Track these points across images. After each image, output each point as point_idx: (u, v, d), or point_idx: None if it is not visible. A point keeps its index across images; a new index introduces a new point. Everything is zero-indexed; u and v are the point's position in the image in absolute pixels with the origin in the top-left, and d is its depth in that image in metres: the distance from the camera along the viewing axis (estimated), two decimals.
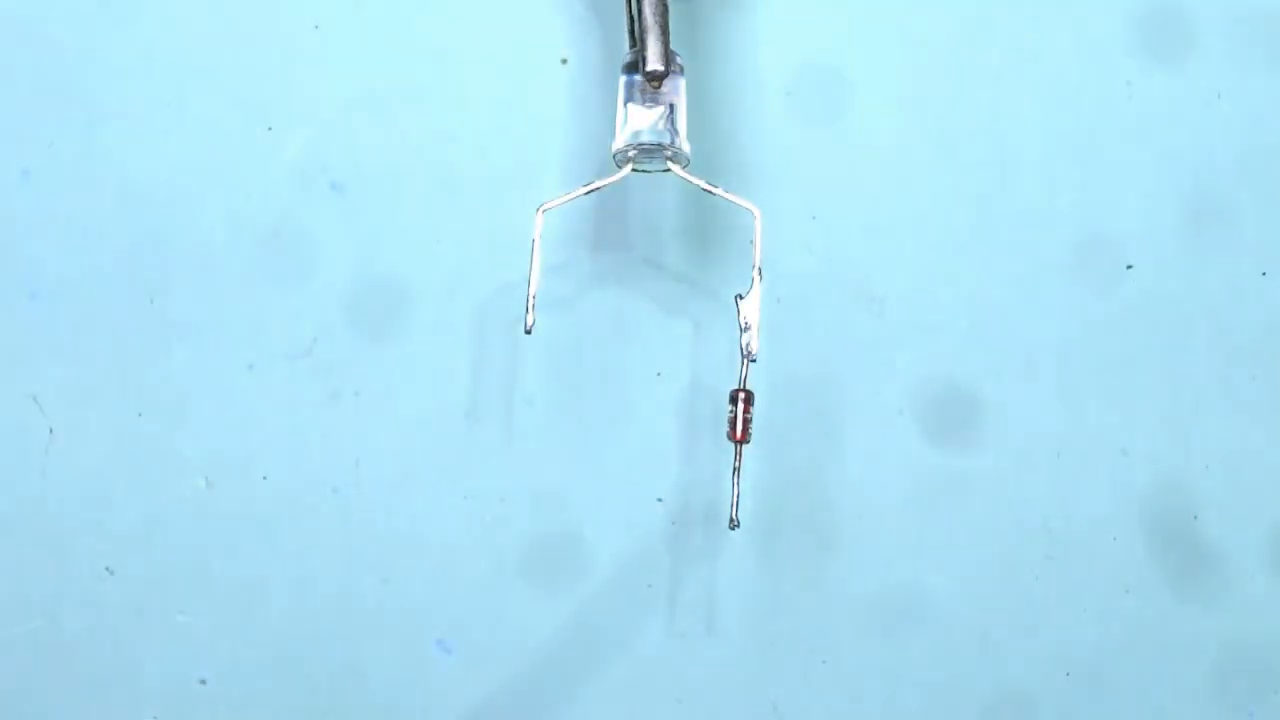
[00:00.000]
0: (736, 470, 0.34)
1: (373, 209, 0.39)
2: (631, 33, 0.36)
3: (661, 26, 0.35)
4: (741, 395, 0.34)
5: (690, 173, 0.36)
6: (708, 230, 0.39)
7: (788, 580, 0.38)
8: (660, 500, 0.38)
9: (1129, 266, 0.40)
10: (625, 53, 0.37)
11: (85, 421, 0.37)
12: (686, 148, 0.36)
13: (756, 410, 0.34)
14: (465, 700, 0.37)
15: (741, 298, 0.34)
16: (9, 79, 0.39)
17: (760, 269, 0.34)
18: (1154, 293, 0.40)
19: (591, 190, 0.36)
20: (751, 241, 0.35)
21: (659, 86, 0.35)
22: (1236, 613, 0.39)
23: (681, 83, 0.36)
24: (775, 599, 0.38)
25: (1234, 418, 0.39)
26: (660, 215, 0.39)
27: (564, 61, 0.40)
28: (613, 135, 0.36)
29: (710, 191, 0.35)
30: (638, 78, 0.35)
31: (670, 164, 0.36)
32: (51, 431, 0.37)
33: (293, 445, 0.38)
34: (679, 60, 0.36)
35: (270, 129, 0.39)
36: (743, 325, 0.34)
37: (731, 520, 0.34)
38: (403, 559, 0.37)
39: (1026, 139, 0.40)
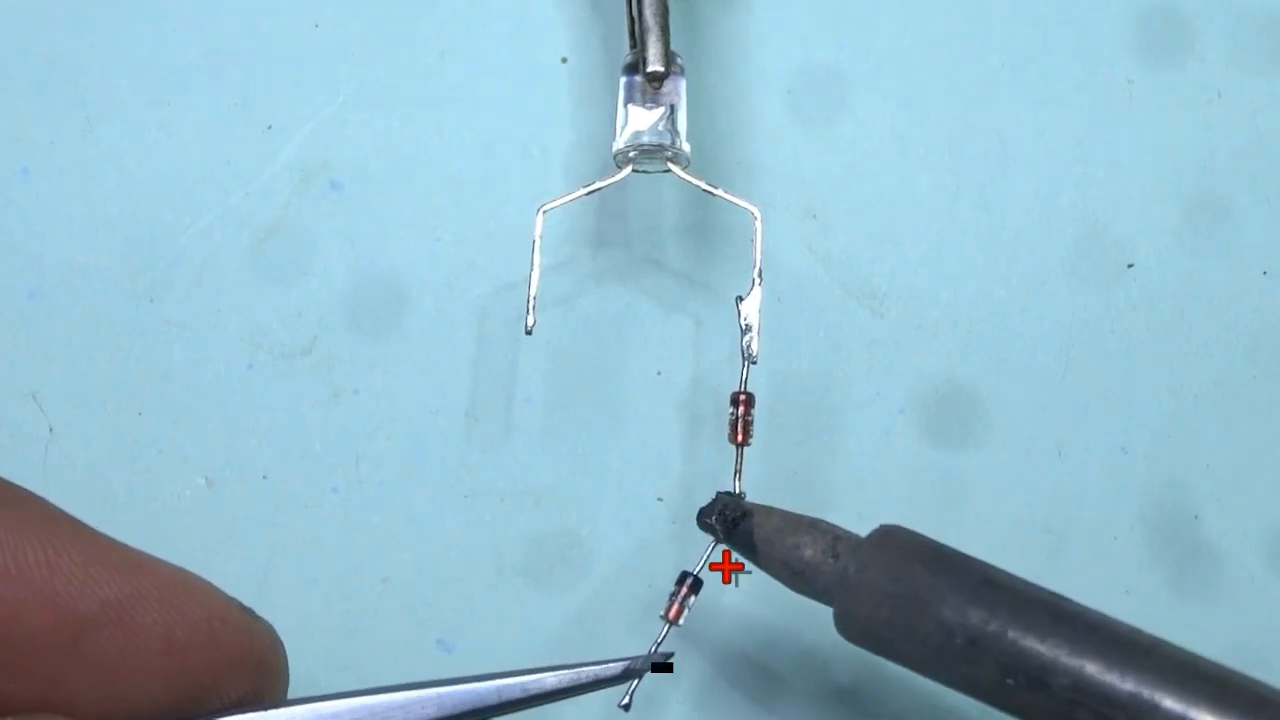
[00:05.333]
0: (738, 473, 0.34)
1: (372, 208, 0.39)
2: (632, 33, 0.36)
3: (662, 27, 0.36)
4: (742, 397, 0.34)
5: (690, 173, 0.36)
6: (709, 228, 0.40)
7: None
8: (660, 500, 0.38)
9: (1129, 265, 0.40)
10: (626, 53, 0.37)
11: (85, 421, 0.38)
12: (687, 148, 0.36)
13: (756, 410, 0.35)
14: None
15: (742, 299, 0.35)
16: (9, 79, 0.39)
17: (761, 270, 0.35)
18: (1154, 292, 0.40)
19: (592, 191, 0.36)
20: (752, 240, 0.35)
21: (659, 87, 0.36)
22: (1236, 613, 0.39)
23: (682, 83, 0.36)
24: (775, 599, 0.38)
25: (1234, 418, 0.40)
26: (661, 213, 0.40)
27: (564, 61, 0.40)
28: (613, 135, 0.36)
29: (710, 193, 0.36)
30: (638, 78, 0.36)
31: (670, 165, 0.36)
32: (51, 431, 0.38)
33: (293, 445, 0.38)
34: (679, 61, 0.36)
35: (270, 128, 0.40)
36: (743, 327, 0.34)
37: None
38: (403, 559, 0.38)
39: (1026, 138, 0.41)
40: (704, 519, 0.34)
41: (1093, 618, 0.30)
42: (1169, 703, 0.28)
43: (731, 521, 0.33)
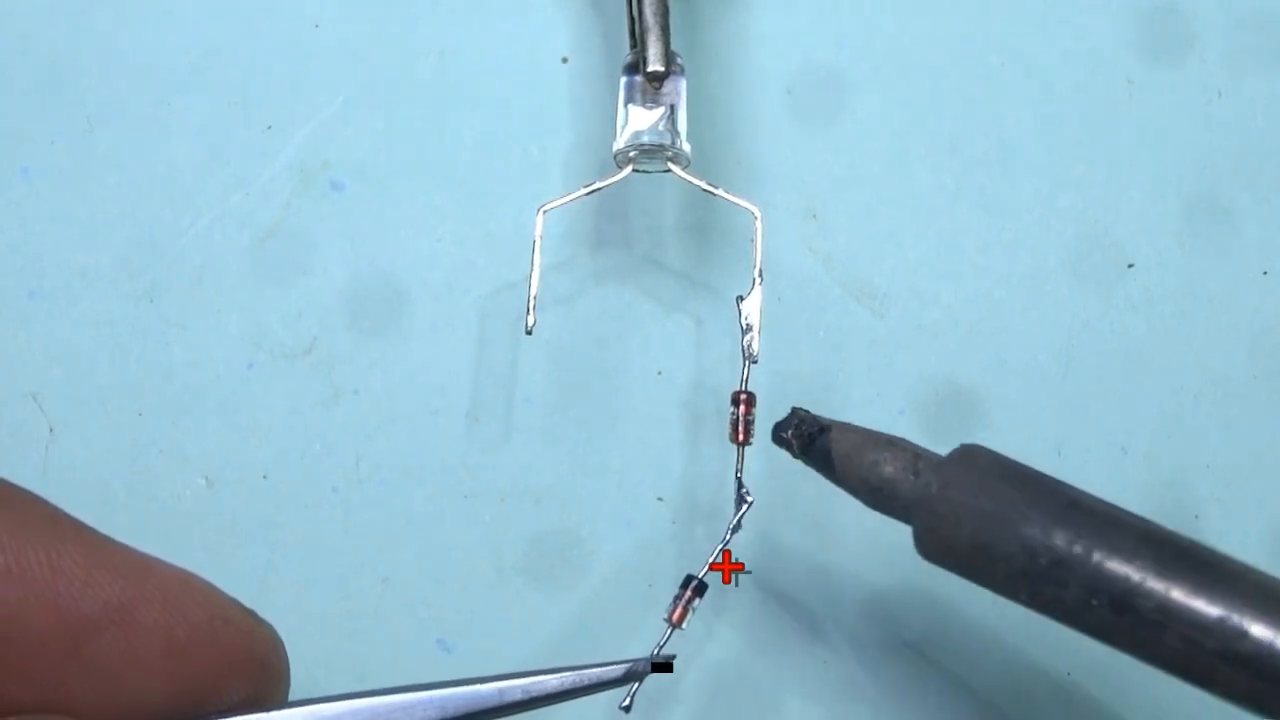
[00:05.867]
0: (739, 473, 0.34)
1: (373, 208, 0.39)
2: (632, 33, 0.36)
3: (662, 27, 0.36)
4: (743, 397, 0.34)
5: (690, 173, 0.36)
6: (709, 228, 0.40)
7: (789, 580, 0.38)
8: (661, 500, 0.38)
9: (1129, 265, 0.40)
10: (626, 53, 0.37)
11: (85, 421, 0.38)
12: (687, 148, 0.36)
13: (757, 410, 0.35)
14: None
15: (742, 299, 0.35)
16: (9, 79, 0.39)
17: (761, 270, 0.35)
18: (1154, 292, 0.40)
19: (592, 191, 0.36)
20: (752, 240, 0.35)
21: (659, 87, 0.36)
22: None
23: (683, 83, 0.36)
24: (776, 599, 0.38)
25: (1234, 418, 0.40)
26: (661, 213, 0.40)
27: (564, 61, 0.40)
28: (613, 135, 0.36)
29: (710, 192, 0.36)
30: (638, 78, 0.36)
31: (670, 165, 0.36)
32: (51, 431, 0.38)
33: (293, 445, 0.38)
34: (680, 61, 0.36)
35: (270, 128, 0.40)
36: (744, 327, 0.34)
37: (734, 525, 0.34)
38: (403, 559, 0.38)
39: (1026, 139, 0.41)
40: (780, 434, 0.33)
41: (1181, 542, 0.29)
42: (1257, 629, 0.28)
43: (808, 437, 0.32)
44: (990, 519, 0.29)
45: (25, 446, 0.38)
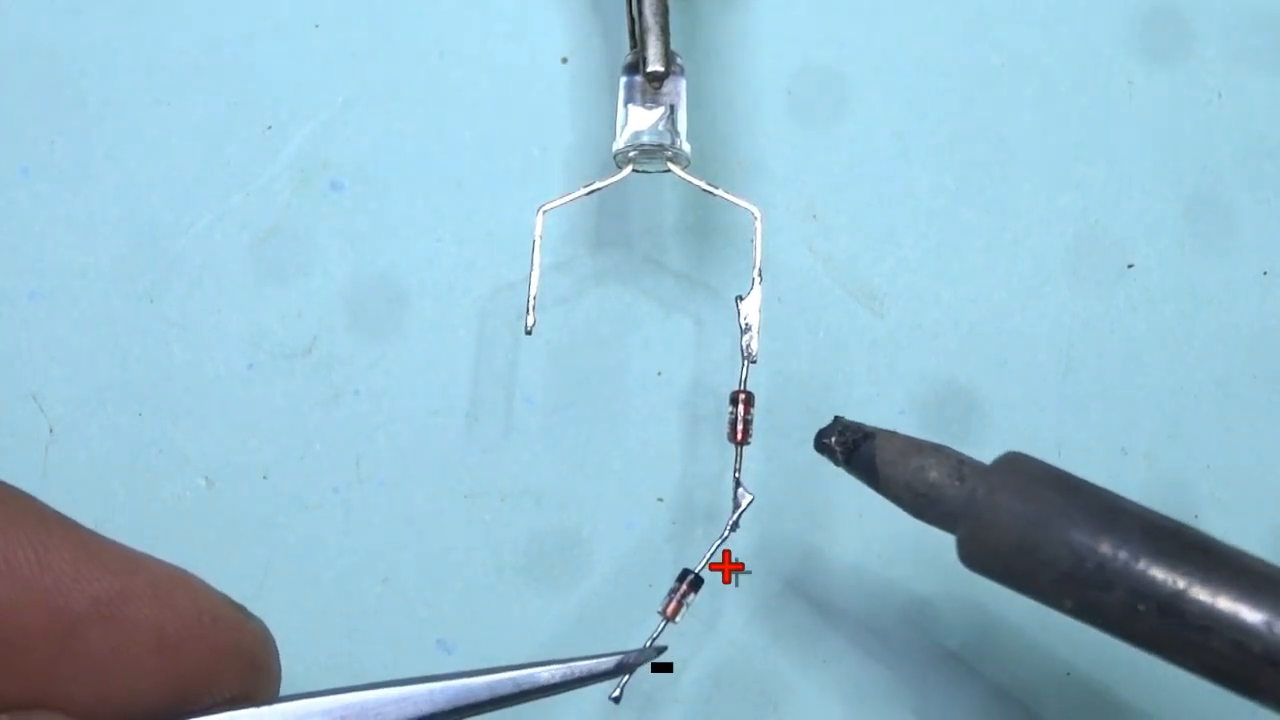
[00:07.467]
0: (738, 472, 0.34)
1: (372, 208, 0.39)
2: (632, 33, 0.36)
3: (662, 27, 0.36)
4: (742, 397, 0.34)
5: (690, 173, 0.36)
6: (709, 228, 0.39)
7: (789, 580, 0.38)
8: (660, 500, 0.38)
9: (1129, 265, 0.40)
10: (626, 53, 0.37)
11: (85, 421, 0.38)
12: (687, 148, 0.36)
13: (756, 410, 0.34)
14: None
15: (742, 299, 0.34)
16: (9, 79, 0.39)
17: (761, 270, 0.34)
18: (1154, 292, 0.40)
19: (592, 191, 0.36)
20: (752, 240, 0.35)
21: (659, 87, 0.36)
22: None
23: (682, 83, 0.36)
24: (776, 598, 0.38)
25: (1234, 417, 0.40)
26: (661, 213, 0.40)
27: (564, 61, 0.40)
28: (613, 135, 0.36)
29: (710, 193, 0.36)
30: (638, 78, 0.36)
31: (670, 165, 0.36)
32: (51, 431, 0.37)
33: (293, 445, 0.38)
34: (679, 61, 0.36)
35: (270, 128, 0.39)
36: (743, 327, 0.34)
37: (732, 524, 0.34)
38: (403, 559, 0.38)
39: (1026, 139, 0.41)
40: (823, 440, 0.32)
41: (1227, 549, 0.29)
42: None
43: (852, 444, 0.32)
44: (1037, 524, 0.29)
45: (25, 446, 0.38)
